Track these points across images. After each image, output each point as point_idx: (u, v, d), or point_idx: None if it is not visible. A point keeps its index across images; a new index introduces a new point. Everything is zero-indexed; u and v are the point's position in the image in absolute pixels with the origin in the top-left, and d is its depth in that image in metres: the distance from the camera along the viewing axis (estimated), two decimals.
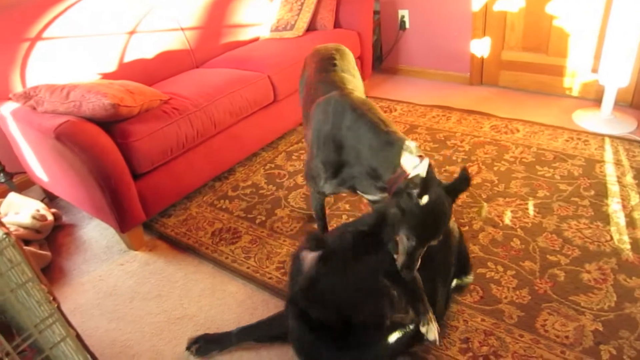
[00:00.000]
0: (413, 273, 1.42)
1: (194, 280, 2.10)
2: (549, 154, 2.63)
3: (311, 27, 3.36)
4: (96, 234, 2.49)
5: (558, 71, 3.27)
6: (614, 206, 2.19)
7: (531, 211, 2.22)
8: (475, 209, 2.27)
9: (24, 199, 2.54)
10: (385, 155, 1.46)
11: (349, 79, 1.84)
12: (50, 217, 2.46)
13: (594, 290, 1.77)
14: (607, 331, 1.61)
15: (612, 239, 2.00)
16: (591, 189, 2.32)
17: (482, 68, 3.62)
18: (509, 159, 2.63)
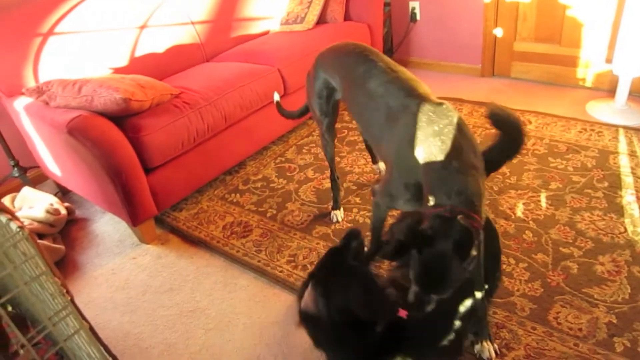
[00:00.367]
0: (423, 312, 1.30)
1: (206, 274, 2.11)
2: (562, 145, 2.60)
3: (321, 20, 3.35)
4: (109, 227, 2.51)
5: (571, 62, 3.23)
6: (628, 198, 2.16)
7: (543, 203, 2.20)
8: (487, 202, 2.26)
9: (38, 193, 2.57)
10: (454, 179, 1.30)
11: (414, 78, 1.62)
12: (63, 211, 2.49)
13: (608, 282, 1.75)
14: (621, 323, 1.60)
15: (626, 230, 1.98)
16: (605, 180, 2.29)
17: (494, 59, 3.58)
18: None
